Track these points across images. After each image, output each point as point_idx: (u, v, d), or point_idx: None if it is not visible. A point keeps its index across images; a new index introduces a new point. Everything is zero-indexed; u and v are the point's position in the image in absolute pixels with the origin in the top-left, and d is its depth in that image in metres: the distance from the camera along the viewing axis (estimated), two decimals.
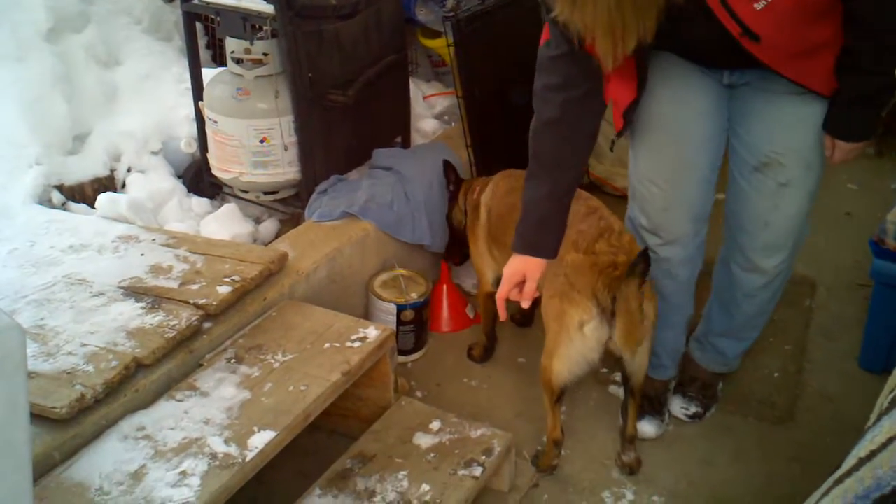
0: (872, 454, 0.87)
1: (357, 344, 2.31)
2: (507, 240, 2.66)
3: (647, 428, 2.56)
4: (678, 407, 2.65)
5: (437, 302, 3.16)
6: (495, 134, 3.41)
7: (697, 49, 2.06)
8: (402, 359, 2.88)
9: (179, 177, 3.36)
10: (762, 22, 1.81)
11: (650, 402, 2.60)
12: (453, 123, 3.70)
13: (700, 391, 2.68)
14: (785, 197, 2.18)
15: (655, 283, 2.36)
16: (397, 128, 3.44)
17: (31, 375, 1.99)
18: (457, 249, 3.18)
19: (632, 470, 2.47)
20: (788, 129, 2.09)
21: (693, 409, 2.64)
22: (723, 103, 2.18)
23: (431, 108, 3.91)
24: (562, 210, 2.12)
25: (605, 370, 2.87)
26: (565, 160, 2.08)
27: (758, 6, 1.78)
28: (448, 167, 3.10)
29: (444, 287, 3.17)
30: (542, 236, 2.12)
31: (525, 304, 2.16)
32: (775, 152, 2.12)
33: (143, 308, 2.30)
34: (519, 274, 2.13)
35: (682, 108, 2.17)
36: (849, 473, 0.88)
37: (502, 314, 2.19)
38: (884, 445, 0.87)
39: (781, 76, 1.96)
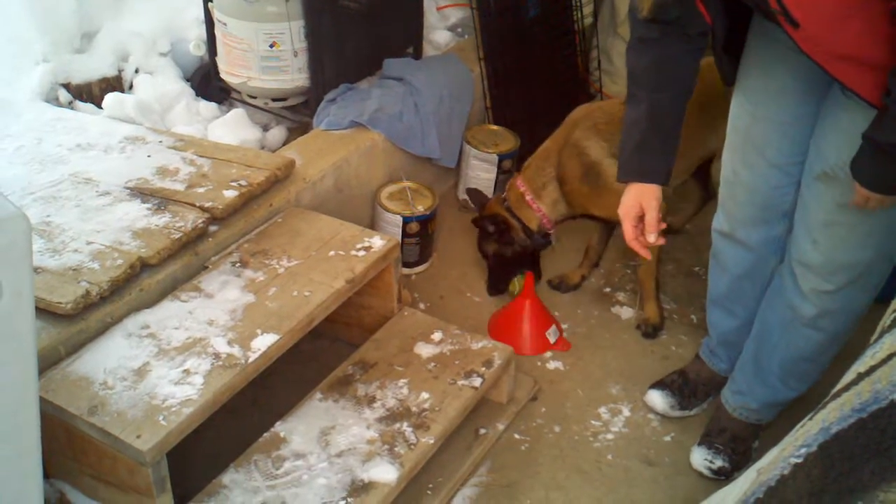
0: (872, 369, 0.87)
1: (362, 253, 2.32)
2: None
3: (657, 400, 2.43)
4: (701, 459, 2.26)
5: (516, 319, 2.70)
6: (509, 47, 3.35)
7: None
8: (406, 271, 2.89)
9: (187, 80, 3.31)
10: (799, 4, 1.53)
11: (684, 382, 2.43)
12: (466, 36, 3.63)
13: (729, 444, 2.26)
14: (841, 218, 1.84)
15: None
16: (409, 38, 3.37)
17: (36, 270, 2.00)
18: (501, 277, 2.86)
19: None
20: (857, 145, 1.68)
21: (718, 464, 2.23)
22: (817, 87, 1.82)
23: (445, 20, 3.83)
24: (666, 132, 1.90)
25: (608, 289, 2.89)
26: (664, 79, 1.86)
27: None
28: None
29: (527, 302, 2.70)
30: (646, 159, 1.91)
31: (651, 239, 1.92)
32: (839, 167, 1.76)
33: (149, 209, 2.30)
34: (636, 206, 1.92)
35: (767, 81, 1.90)
36: (847, 388, 0.89)
37: (646, 255, 2.02)
38: (884, 361, 0.87)
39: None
